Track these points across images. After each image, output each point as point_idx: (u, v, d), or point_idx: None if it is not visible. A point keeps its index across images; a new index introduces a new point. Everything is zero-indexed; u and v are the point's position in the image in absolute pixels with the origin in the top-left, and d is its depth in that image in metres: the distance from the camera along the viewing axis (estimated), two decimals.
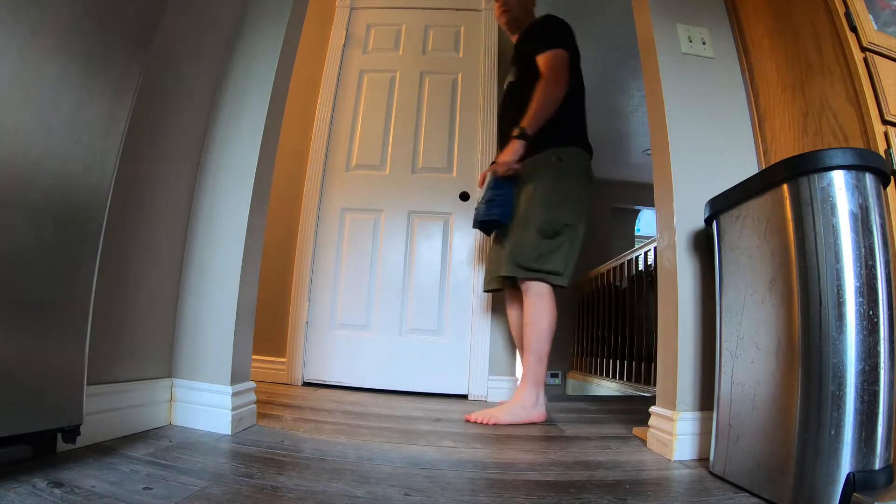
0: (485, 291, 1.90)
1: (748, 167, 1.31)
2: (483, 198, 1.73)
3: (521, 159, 1.68)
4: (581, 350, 4.85)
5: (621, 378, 3.76)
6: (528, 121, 1.62)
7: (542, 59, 1.67)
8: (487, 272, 1.84)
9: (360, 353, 2.12)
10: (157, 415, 1.12)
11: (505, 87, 1.88)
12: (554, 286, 1.62)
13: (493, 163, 1.79)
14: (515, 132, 1.65)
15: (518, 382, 2.11)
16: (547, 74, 1.64)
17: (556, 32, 1.73)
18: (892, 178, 0.89)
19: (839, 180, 0.81)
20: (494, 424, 1.50)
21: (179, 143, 1.21)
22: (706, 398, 1.15)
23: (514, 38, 1.92)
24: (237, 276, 1.22)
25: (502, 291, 1.82)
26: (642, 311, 3.44)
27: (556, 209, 1.61)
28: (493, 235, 1.85)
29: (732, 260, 1.03)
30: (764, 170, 0.97)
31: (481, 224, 1.77)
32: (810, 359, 0.79)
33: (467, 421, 1.54)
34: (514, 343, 2.16)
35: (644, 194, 5.64)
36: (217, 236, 1.25)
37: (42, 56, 0.72)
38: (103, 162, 0.83)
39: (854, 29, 1.04)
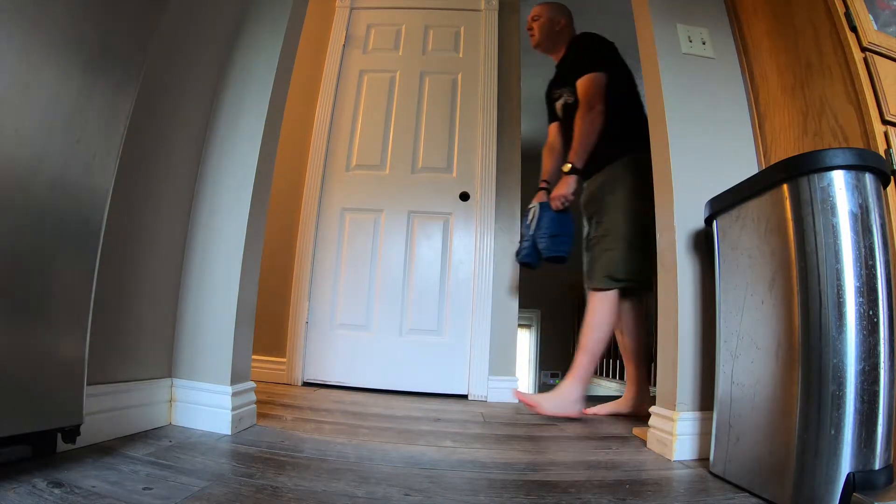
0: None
1: (748, 167, 1.31)
2: (544, 231, 1.78)
3: (589, 174, 1.78)
4: None
5: (621, 378, 3.76)
6: (574, 154, 1.70)
7: (578, 87, 1.73)
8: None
9: (360, 353, 2.12)
10: (157, 415, 1.12)
11: (561, 106, 1.89)
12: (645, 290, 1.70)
13: (542, 188, 1.90)
14: (566, 168, 1.72)
15: (518, 382, 2.13)
16: (582, 105, 1.71)
17: (588, 55, 1.78)
18: (891, 178, 0.89)
19: (839, 180, 0.81)
20: (532, 408, 1.63)
21: (179, 144, 1.21)
22: (706, 398, 1.15)
23: (554, 58, 1.97)
24: (237, 275, 1.22)
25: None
26: None
27: (635, 219, 1.66)
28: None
29: (732, 260, 1.03)
30: (764, 170, 0.97)
31: (549, 260, 1.84)
32: (810, 359, 0.79)
33: (517, 397, 1.71)
34: (513, 343, 2.17)
35: None
36: (217, 236, 1.25)
37: (42, 56, 0.72)
38: (103, 162, 0.83)
39: (854, 29, 1.04)
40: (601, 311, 1.66)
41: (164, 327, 1.19)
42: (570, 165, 1.71)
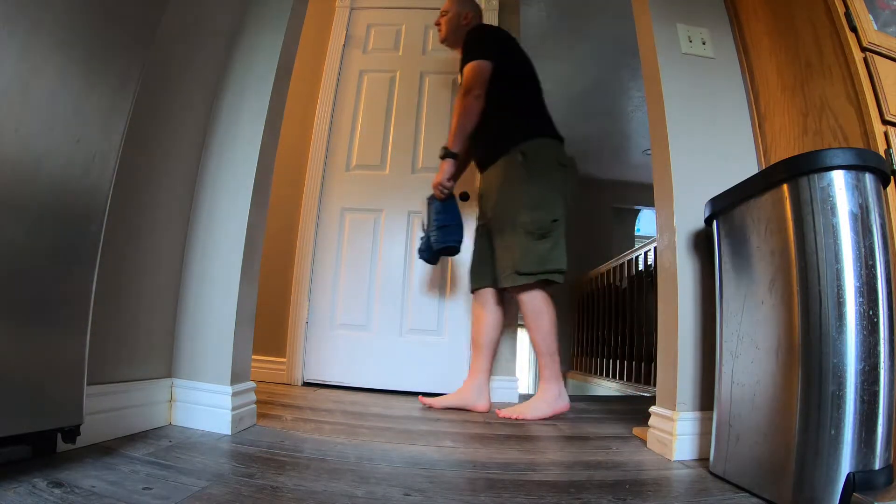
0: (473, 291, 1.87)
1: (748, 167, 1.31)
2: (434, 223, 1.75)
3: (485, 166, 1.76)
4: (581, 350, 4.85)
5: (621, 378, 3.76)
6: (450, 139, 1.70)
7: (463, 75, 1.73)
8: (475, 273, 1.85)
9: (360, 353, 2.12)
10: (157, 415, 1.12)
11: None
12: (551, 283, 1.64)
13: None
14: (440, 153, 1.71)
15: (518, 382, 2.13)
16: (460, 90, 1.70)
17: (472, 45, 1.77)
18: (891, 178, 0.89)
19: (839, 180, 0.81)
20: (520, 420, 1.57)
21: (180, 143, 1.21)
22: (706, 398, 1.15)
23: (459, 53, 1.94)
24: (237, 275, 1.22)
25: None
26: (642, 311, 3.44)
27: (538, 209, 1.62)
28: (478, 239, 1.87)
29: (732, 260, 1.03)
30: (764, 170, 0.97)
31: (440, 252, 1.79)
32: (810, 359, 0.79)
33: (498, 416, 1.61)
34: (513, 343, 2.16)
35: (644, 194, 5.65)
36: (217, 236, 1.25)
37: (42, 56, 0.72)
38: (103, 162, 0.83)
39: (854, 29, 1.04)
40: (533, 309, 1.63)
41: (164, 327, 1.19)
42: (443, 150, 1.69)
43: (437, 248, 1.77)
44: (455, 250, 1.80)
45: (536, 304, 1.62)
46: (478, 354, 1.78)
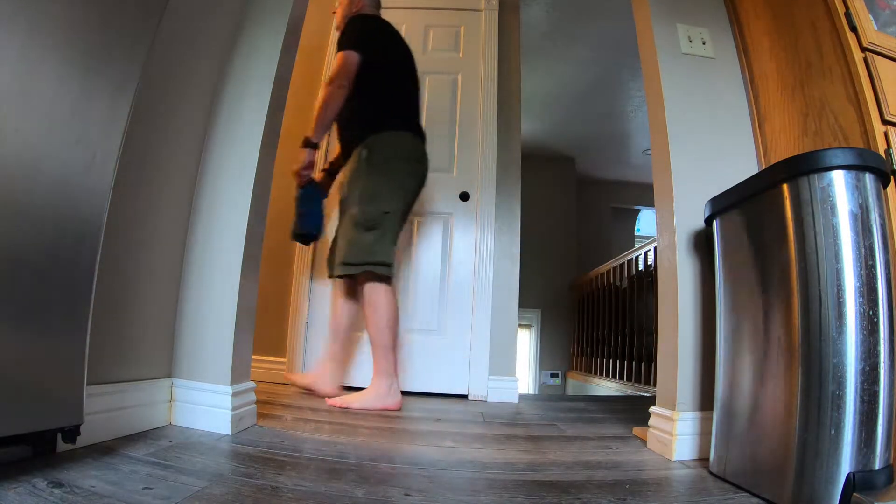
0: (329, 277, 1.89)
1: (748, 167, 1.31)
2: (297, 210, 1.77)
3: (346, 159, 1.77)
4: (581, 350, 4.85)
5: (621, 378, 3.76)
6: (311, 127, 1.70)
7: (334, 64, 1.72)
8: (328, 262, 1.87)
9: (359, 353, 2.12)
10: (157, 415, 1.12)
11: None
12: (384, 276, 1.66)
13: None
14: (301, 142, 1.72)
15: (518, 382, 2.13)
16: (328, 79, 1.70)
17: (346, 35, 1.77)
18: (891, 178, 0.89)
19: (839, 180, 0.81)
20: (344, 408, 1.58)
21: (180, 142, 1.21)
22: (706, 398, 1.15)
23: None
24: (237, 275, 1.22)
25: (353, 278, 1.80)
26: (642, 311, 3.44)
27: (370, 202, 1.65)
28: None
29: (732, 260, 1.03)
30: (764, 170, 0.97)
31: (297, 237, 1.82)
32: (810, 359, 0.79)
33: (326, 402, 1.64)
34: (513, 343, 2.16)
35: (644, 194, 5.65)
36: (217, 236, 1.25)
37: (42, 56, 0.72)
38: (103, 162, 0.83)
39: (854, 29, 1.04)
40: (371, 301, 1.64)
41: (163, 327, 1.19)
42: (304, 139, 1.70)
43: (295, 234, 1.79)
44: (313, 238, 1.81)
45: (375, 296, 1.63)
46: (332, 341, 1.86)
